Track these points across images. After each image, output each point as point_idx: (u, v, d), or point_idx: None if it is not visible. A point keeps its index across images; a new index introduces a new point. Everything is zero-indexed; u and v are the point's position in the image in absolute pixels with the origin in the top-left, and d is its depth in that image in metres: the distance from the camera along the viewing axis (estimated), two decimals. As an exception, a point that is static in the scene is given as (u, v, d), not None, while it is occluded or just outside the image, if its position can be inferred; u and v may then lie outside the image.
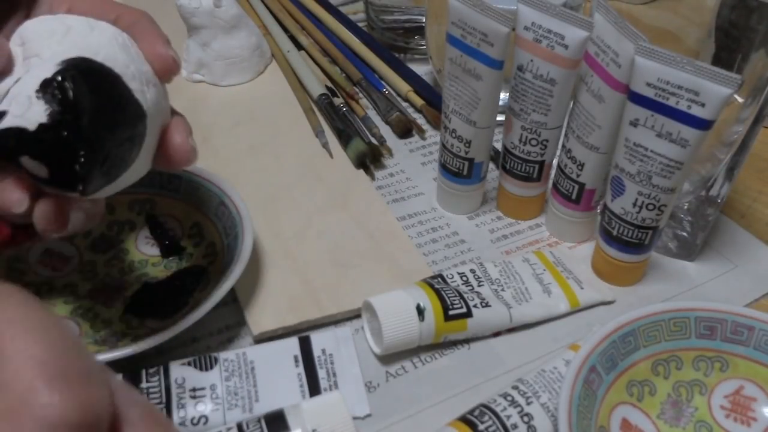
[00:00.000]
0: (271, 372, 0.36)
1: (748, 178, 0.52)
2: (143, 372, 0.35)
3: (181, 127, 0.34)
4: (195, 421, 0.34)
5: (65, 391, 0.20)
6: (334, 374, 0.37)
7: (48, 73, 0.28)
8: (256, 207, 0.46)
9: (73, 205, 0.31)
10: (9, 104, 0.28)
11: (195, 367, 0.35)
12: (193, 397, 0.34)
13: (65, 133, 0.27)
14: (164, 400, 0.34)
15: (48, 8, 0.34)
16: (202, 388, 0.35)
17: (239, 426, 0.32)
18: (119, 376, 0.25)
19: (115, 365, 0.34)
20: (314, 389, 0.36)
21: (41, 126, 0.27)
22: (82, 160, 0.28)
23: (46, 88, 0.28)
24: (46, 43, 0.30)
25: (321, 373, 0.37)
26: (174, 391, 0.34)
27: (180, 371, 0.35)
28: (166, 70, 0.33)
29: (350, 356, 0.38)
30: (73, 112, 0.28)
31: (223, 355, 0.36)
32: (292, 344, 0.38)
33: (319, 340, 0.38)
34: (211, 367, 0.36)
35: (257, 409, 0.35)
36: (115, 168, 0.30)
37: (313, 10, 0.70)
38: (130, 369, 0.35)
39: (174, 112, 0.35)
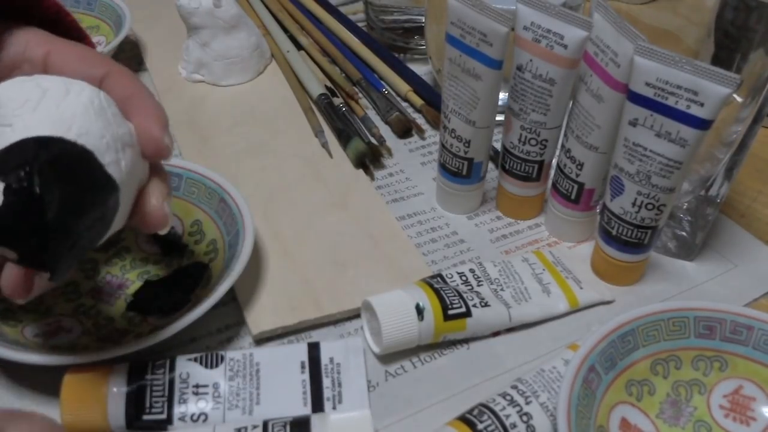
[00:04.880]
0: (275, 376, 0.36)
1: (748, 177, 0.52)
2: (149, 364, 0.35)
3: (157, 190, 0.33)
4: (195, 417, 0.34)
5: None
6: (339, 384, 0.36)
7: (15, 159, 0.27)
8: (256, 207, 0.46)
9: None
10: None
11: (201, 363, 0.35)
12: (196, 394, 0.34)
13: (31, 225, 0.27)
14: (167, 393, 0.34)
15: (22, 50, 0.33)
16: (205, 386, 0.35)
17: (264, 424, 0.32)
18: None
19: (118, 361, 0.35)
20: (317, 398, 0.35)
21: (6, 216, 0.27)
22: (50, 250, 0.27)
23: (11, 177, 0.26)
24: (19, 111, 0.28)
25: (326, 382, 0.36)
26: (177, 385, 0.35)
27: (185, 366, 0.35)
28: (155, 154, 0.32)
29: (358, 368, 0.37)
30: (38, 206, 0.27)
31: (229, 354, 0.36)
32: (301, 349, 0.37)
33: (328, 348, 0.37)
34: (217, 365, 0.36)
35: (257, 411, 0.34)
36: (84, 248, 0.29)
37: (312, 10, 0.70)
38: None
39: (154, 170, 0.33)
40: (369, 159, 0.52)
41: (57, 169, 0.27)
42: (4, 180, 0.27)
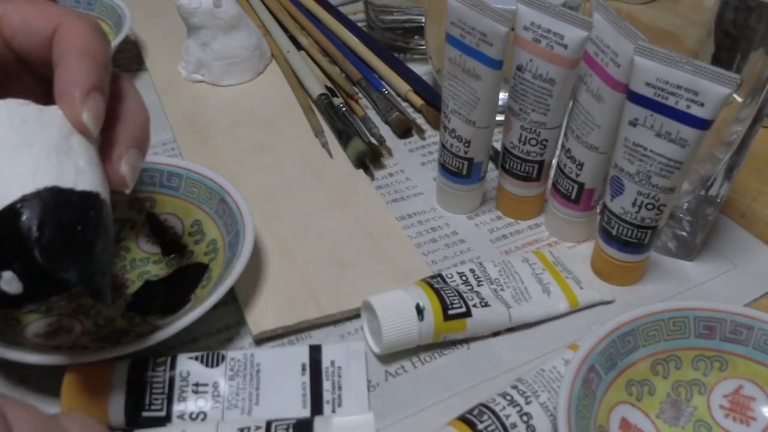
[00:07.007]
0: (275, 377, 0.36)
1: (748, 177, 0.52)
2: (150, 361, 0.35)
3: (114, 148, 0.30)
4: (194, 416, 0.34)
5: None
6: (340, 388, 0.36)
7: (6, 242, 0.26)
8: (256, 207, 0.46)
9: None
10: None
11: (201, 362, 0.35)
12: (195, 392, 0.35)
13: (63, 292, 0.27)
14: (167, 391, 0.34)
15: None
16: (205, 384, 0.35)
17: (268, 425, 0.32)
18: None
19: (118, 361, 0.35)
20: (316, 401, 0.35)
21: (39, 295, 0.27)
22: (90, 293, 0.28)
23: (16, 265, 0.26)
24: None
25: (326, 385, 0.36)
26: (177, 383, 0.35)
27: (186, 365, 0.35)
28: (80, 129, 0.29)
29: (359, 372, 0.37)
30: (60, 282, 0.27)
31: (230, 354, 0.36)
32: (302, 352, 0.37)
33: (330, 351, 0.37)
34: (217, 365, 0.36)
35: (256, 412, 0.34)
36: (111, 261, 0.29)
37: (312, 10, 0.70)
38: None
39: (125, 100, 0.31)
40: (369, 159, 0.52)
41: (50, 233, 0.26)
42: (10, 269, 0.26)
